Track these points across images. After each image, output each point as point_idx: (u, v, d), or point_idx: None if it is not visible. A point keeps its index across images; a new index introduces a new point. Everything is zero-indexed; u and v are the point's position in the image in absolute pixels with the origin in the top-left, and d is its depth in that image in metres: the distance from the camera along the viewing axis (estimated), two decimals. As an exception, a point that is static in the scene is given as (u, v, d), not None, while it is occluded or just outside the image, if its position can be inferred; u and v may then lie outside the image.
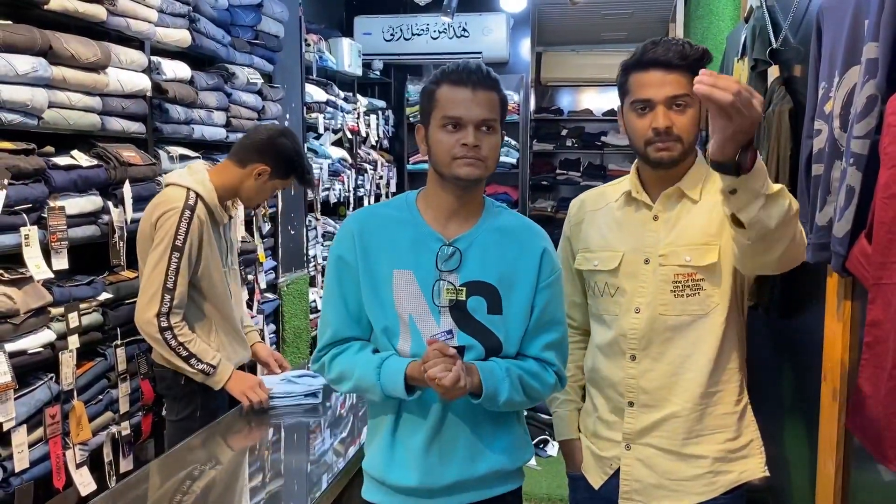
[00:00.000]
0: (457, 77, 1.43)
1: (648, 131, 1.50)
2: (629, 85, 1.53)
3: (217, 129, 3.27)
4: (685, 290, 1.54)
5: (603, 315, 1.65)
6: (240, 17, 3.45)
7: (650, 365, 1.58)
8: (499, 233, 1.51)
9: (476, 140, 1.41)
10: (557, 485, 3.45)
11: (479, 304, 1.47)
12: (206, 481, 2.07)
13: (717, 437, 1.58)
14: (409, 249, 1.47)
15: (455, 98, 1.42)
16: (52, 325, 2.24)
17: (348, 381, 1.51)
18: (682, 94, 1.47)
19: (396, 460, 1.51)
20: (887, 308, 1.23)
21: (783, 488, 2.15)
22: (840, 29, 1.58)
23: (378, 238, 1.49)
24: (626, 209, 1.63)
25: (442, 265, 1.46)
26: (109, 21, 2.51)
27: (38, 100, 2.17)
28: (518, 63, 6.18)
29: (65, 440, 2.30)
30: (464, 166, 1.42)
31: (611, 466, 1.65)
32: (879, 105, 1.33)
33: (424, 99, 1.48)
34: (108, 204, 2.49)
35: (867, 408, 1.31)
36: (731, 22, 3.30)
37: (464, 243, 1.48)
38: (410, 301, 1.46)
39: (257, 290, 3.68)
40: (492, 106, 1.43)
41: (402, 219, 1.51)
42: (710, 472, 1.57)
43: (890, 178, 1.22)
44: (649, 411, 1.59)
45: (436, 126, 1.44)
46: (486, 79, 1.43)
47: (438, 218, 1.50)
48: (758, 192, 1.26)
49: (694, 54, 1.48)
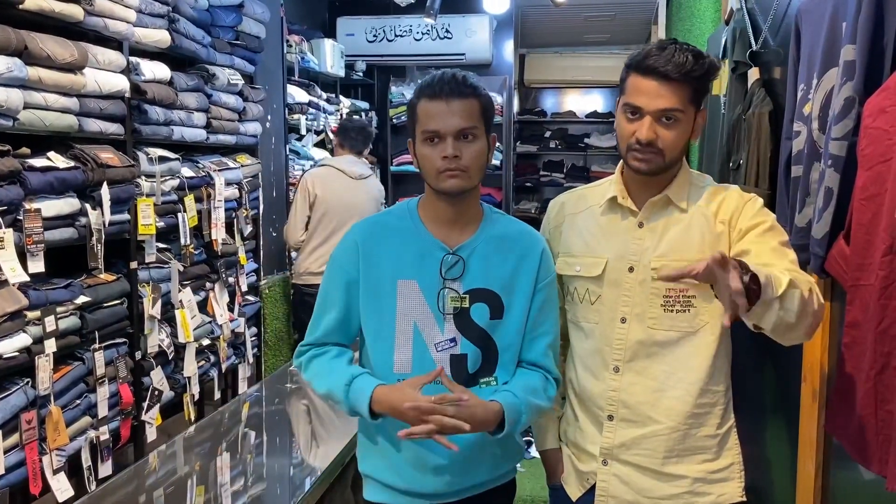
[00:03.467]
0: (431, 91, 1.44)
1: (632, 138, 1.46)
2: (626, 85, 1.48)
3: (197, 130, 3.24)
4: (675, 306, 1.50)
5: (581, 322, 1.61)
6: (220, 18, 3.42)
7: (633, 378, 1.54)
8: (499, 240, 1.53)
9: (455, 151, 1.42)
10: (542, 486, 3.42)
11: (481, 311, 1.49)
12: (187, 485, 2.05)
13: (697, 457, 1.54)
14: (414, 260, 1.50)
15: (431, 111, 1.44)
16: (28, 329, 2.20)
17: (320, 386, 1.54)
18: (673, 109, 1.42)
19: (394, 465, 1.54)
20: (865, 309, 1.23)
21: (764, 489, 2.15)
22: (818, 31, 1.59)
23: (382, 249, 1.51)
24: (611, 215, 1.58)
25: (446, 274, 1.49)
26: (87, 21, 2.48)
27: (13, 100, 2.13)
28: (501, 65, 6.18)
29: (41, 446, 2.26)
30: (447, 179, 1.44)
31: (588, 481, 1.61)
32: (857, 107, 1.34)
33: (409, 116, 1.51)
34: (86, 206, 2.46)
35: (845, 408, 1.32)
36: (713, 24, 3.32)
37: (466, 251, 1.50)
38: (415, 310, 1.49)
39: (238, 293, 3.65)
40: (469, 113, 1.44)
41: (405, 228, 1.53)
42: (688, 493, 1.54)
43: (867, 180, 1.23)
44: (629, 426, 1.55)
45: (419, 141, 1.47)
46: (460, 87, 1.44)
47: (440, 227, 1.52)
48: (771, 300, 1.22)
49: (696, 70, 1.42)
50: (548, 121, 8.37)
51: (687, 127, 1.47)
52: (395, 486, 1.54)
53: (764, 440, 2.19)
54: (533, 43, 8.00)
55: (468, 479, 1.54)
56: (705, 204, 1.52)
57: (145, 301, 2.83)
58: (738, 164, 2.17)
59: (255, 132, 3.80)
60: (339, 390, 1.47)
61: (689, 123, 1.47)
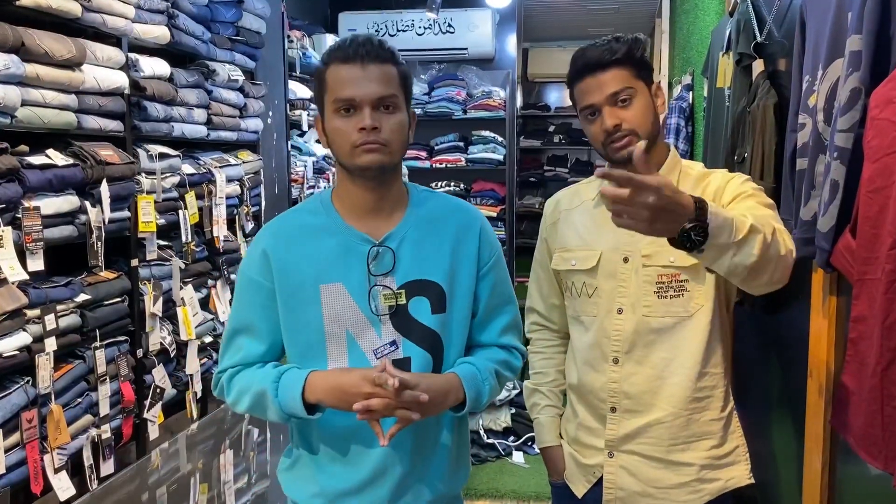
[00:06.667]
0: (343, 53, 1.27)
1: (601, 134, 1.49)
2: (575, 96, 1.54)
3: (198, 126, 3.22)
4: (669, 292, 1.51)
5: (581, 317, 1.61)
6: (220, 14, 3.40)
7: (633, 369, 1.55)
8: (430, 222, 1.36)
9: (374, 122, 1.25)
10: (546, 483, 3.43)
11: (421, 306, 1.32)
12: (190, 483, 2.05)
13: (702, 443, 1.55)
14: (335, 259, 1.31)
15: (345, 77, 1.25)
16: (27, 328, 2.19)
17: (246, 400, 1.34)
18: (621, 89, 1.46)
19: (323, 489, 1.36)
20: (871, 304, 1.21)
21: (770, 484, 2.14)
22: (824, 22, 1.57)
23: (297, 252, 1.33)
24: (603, 208, 1.57)
25: (374, 269, 1.31)
26: (85, 17, 2.46)
27: (10, 98, 2.12)
28: (504, 59, 6.15)
29: (42, 444, 2.25)
30: (364, 154, 1.26)
31: (594, 474, 1.61)
32: (863, 98, 1.32)
33: (315, 84, 1.32)
34: (86, 204, 2.44)
35: (851, 404, 1.30)
36: (717, 16, 3.29)
37: (394, 241, 1.33)
38: (345, 316, 1.31)
39: (241, 290, 3.64)
40: (388, 80, 1.27)
41: (320, 225, 1.34)
42: (696, 480, 1.54)
43: (874, 172, 1.21)
44: (632, 417, 1.56)
45: (330, 112, 1.29)
46: (378, 50, 1.27)
47: (360, 217, 1.33)
48: (726, 245, 1.20)
49: (620, 48, 1.46)
50: (551, 115, 8.33)
51: (645, 102, 1.49)
52: None
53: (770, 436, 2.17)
54: (536, 37, 7.97)
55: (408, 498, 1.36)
56: (691, 189, 1.52)
57: (146, 299, 2.82)
58: (742, 158, 2.15)
59: (257, 128, 3.78)
60: (269, 389, 1.29)
61: (646, 98, 1.49)
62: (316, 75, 1.33)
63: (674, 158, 1.57)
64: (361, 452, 1.34)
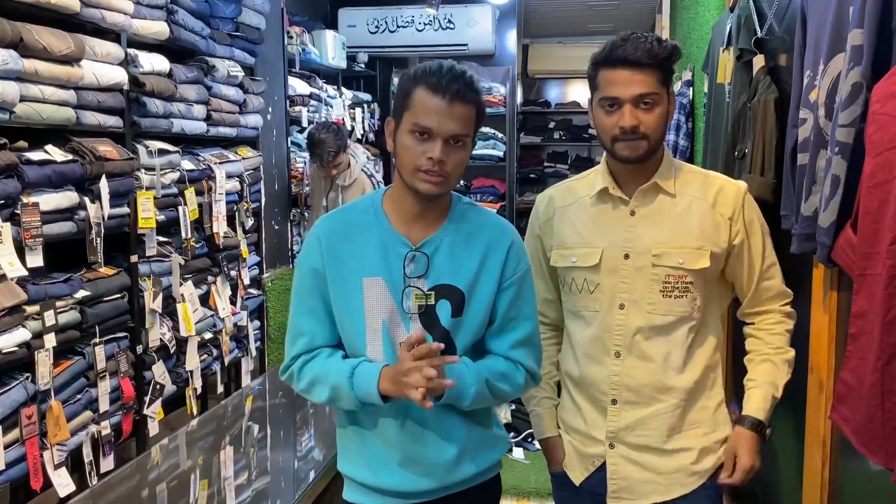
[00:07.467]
0: (435, 83, 1.34)
1: (615, 129, 1.50)
2: (598, 81, 1.53)
3: (197, 122, 3.22)
4: (674, 292, 1.55)
5: (581, 312, 1.63)
6: (219, 9, 3.39)
7: (634, 362, 1.58)
8: (465, 234, 1.46)
9: (443, 155, 1.33)
10: (546, 478, 3.42)
11: (444, 307, 1.43)
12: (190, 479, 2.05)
13: (697, 430, 1.60)
14: (378, 256, 1.43)
15: (430, 106, 1.33)
16: (27, 324, 2.19)
17: (321, 388, 1.46)
18: (649, 93, 1.47)
19: (372, 465, 1.48)
20: (872, 299, 1.21)
21: (771, 480, 2.14)
22: (825, 16, 1.56)
23: (346, 246, 1.45)
24: (601, 205, 1.62)
25: (409, 271, 1.42)
26: (83, 13, 2.46)
27: (9, 93, 2.12)
28: (504, 55, 6.14)
29: (42, 441, 2.25)
30: (425, 181, 1.36)
31: (593, 463, 1.64)
32: (864, 93, 1.31)
33: (400, 94, 1.40)
34: (85, 200, 2.44)
35: (851, 400, 1.30)
36: (717, 11, 3.28)
37: (430, 247, 1.43)
38: (383, 308, 1.42)
39: (241, 287, 3.64)
40: (467, 121, 1.36)
41: (368, 223, 1.46)
42: (695, 462, 1.59)
43: (875, 167, 1.20)
44: (633, 408, 1.59)
45: (405, 128, 1.37)
46: (466, 90, 1.34)
47: (404, 221, 1.45)
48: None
49: (662, 52, 1.47)
50: (552, 111, 8.33)
51: (664, 110, 1.51)
52: (372, 485, 1.49)
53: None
54: (536, 33, 7.96)
55: (448, 477, 1.48)
56: (700, 193, 1.57)
57: (146, 295, 2.82)
58: (743, 153, 2.14)
59: (256, 124, 3.78)
60: (344, 382, 1.41)
61: (665, 106, 1.51)
62: (402, 85, 1.40)
63: (668, 159, 1.60)
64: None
